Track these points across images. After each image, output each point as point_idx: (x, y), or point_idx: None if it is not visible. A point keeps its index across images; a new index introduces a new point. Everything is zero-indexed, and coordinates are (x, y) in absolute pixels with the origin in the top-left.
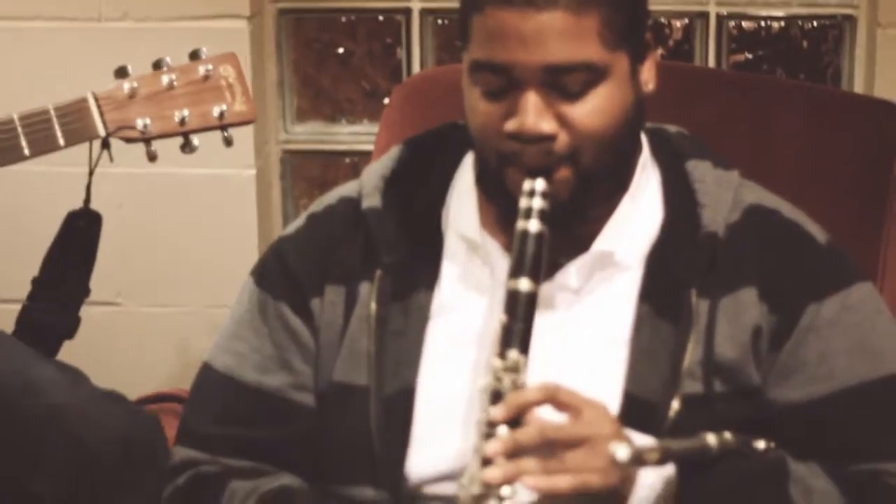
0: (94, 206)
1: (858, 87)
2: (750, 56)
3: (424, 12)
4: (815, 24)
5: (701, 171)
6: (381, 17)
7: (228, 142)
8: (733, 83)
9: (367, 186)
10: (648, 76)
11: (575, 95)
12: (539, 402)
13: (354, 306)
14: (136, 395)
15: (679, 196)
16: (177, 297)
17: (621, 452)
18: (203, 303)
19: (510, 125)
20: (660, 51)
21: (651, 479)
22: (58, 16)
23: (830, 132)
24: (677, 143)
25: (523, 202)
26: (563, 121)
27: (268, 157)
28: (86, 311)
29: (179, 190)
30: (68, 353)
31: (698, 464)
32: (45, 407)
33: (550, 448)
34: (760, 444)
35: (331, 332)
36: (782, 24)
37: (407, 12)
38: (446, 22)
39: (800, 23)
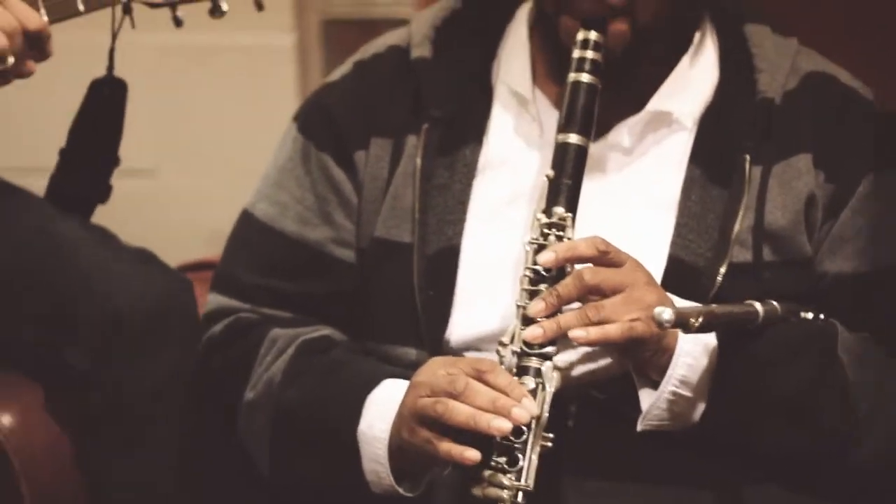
0: (127, 76)
1: None
2: None
3: None
4: None
5: (759, 36)
6: None
7: (259, 5)
8: None
9: (417, 35)
10: None
11: None
12: (590, 258)
13: (400, 160)
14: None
15: (736, 60)
16: (212, 169)
17: (666, 313)
18: (239, 175)
19: None
20: None
21: (691, 347)
22: None
23: None
24: (736, 7)
25: (576, 53)
26: None
27: (307, 24)
28: (120, 182)
29: (216, 59)
30: (103, 224)
31: (741, 333)
32: (75, 269)
33: (589, 297)
34: (808, 315)
35: (375, 186)
36: None
37: None
38: None
39: None
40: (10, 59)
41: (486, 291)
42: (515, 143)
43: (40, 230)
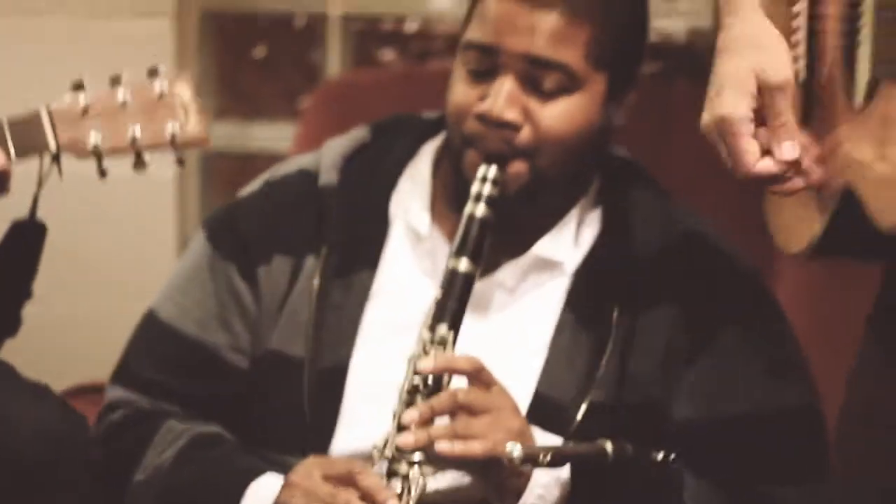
0: (11, 204)
1: None
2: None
3: (341, 19)
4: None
5: (640, 194)
6: (298, 23)
7: (181, 162)
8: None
9: (326, 163)
10: (622, 112)
11: (547, 95)
12: (465, 372)
13: (298, 278)
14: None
15: (617, 216)
16: (93, 298)
17: (515, 451)
18: (120, 304)
19: (480, 106)
20: None
21: (545, 479)
22: None
23: None
24: (620, 166)
25: (475, 187)
26: (528, 115)
27: (187, 156)
28: None
29: (97, 190)
30: None
31: (594, 469)
32: None
33: (458, 413)
34: (659, 456)
35: (273, 300)
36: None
37: (324, 18)
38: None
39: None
40: None
41: (371, 410)
42: (408, 274)
43: None
